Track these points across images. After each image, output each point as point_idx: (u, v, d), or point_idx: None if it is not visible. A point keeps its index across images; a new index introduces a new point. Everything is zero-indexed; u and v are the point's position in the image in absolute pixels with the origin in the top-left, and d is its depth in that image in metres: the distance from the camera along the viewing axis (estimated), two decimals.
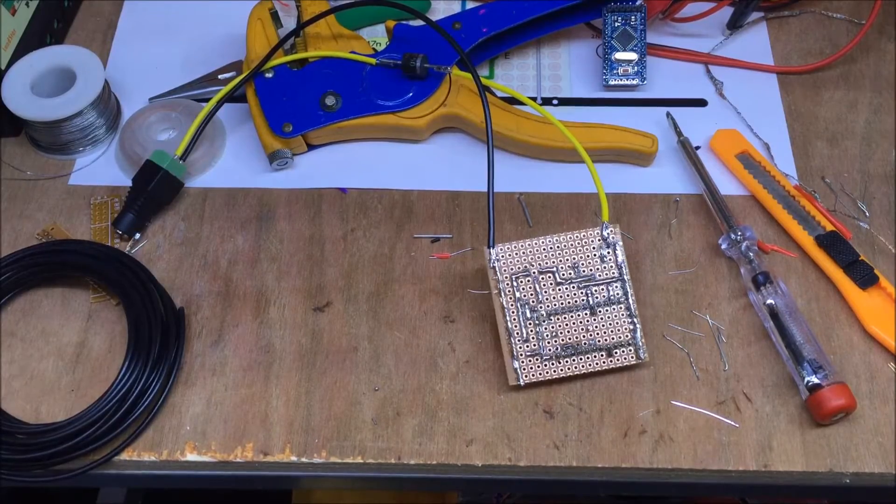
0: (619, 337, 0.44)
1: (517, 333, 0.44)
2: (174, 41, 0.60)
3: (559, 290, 0.45)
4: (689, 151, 0.52)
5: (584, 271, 0.45)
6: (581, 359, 0.44)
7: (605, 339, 0.44)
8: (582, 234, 0.45)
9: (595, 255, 0.45)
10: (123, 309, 0.47)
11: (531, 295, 0.44)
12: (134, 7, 0.62)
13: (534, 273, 0.45)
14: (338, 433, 0.44)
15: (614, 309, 0.45)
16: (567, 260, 0.45)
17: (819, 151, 0.54)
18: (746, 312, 0.47)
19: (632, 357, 0.44)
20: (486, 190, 0.45)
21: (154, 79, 0.57)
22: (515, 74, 0.58)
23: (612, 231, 0.45)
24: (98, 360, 0.46)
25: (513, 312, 0.44)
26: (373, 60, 0.53)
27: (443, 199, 0.52)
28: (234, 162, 0.54)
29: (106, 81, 0.54)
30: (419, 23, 0.53)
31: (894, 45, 0.59)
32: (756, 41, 0.59)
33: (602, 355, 0.44)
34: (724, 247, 0.48)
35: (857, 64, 0.58)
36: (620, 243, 0.45)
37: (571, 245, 0.45)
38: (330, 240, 0.50)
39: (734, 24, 0.59)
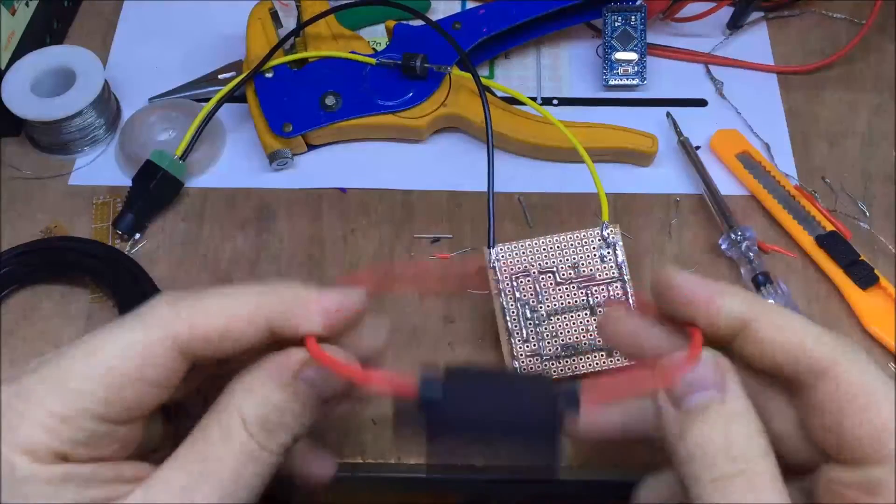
0: None
1: (517, 333, 0.44)
2: (174, 41, 0.60)
3: (559, 290, 0.45)
4: (689, 151, 0.52)
5: (584, 271, 0.45)
6: (581, 359, 0.44)
7: None
8: (582, 234, 0.45)
9: (595, 255, 0.45)
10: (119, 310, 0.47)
11: (531, 295, 0.44)
12: (134, 7, 0.62)
13: (534, 273, 0.45)
14: (338, 433, 0.44)
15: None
16: (567, 260, 0.45)
17: (819, 151, 0.54)
18: None
19: None
20: (486, 190, 0.46)
21: (154, 79, 0.57)
22: (515, 74, 0.58)
23: (612, 231, 0.45)
24: None
25: (513, 312, 0.44)
26: (373, 60, 0.53)
27: (443, 199, 0.52)
28: (234, 162, 0.54)
29: (106, 81, 0.54)
30: (419, 23, 0.53)
31: (894, 45, 0.59)
32: (756, 41, 0.59)
33: (602, 355, 0.44)
34: (724, 247, 0.48)
35: (857, 64, 0.58)
36: (620, 243, 0.45)
37: (571, 245, 0.45)
38: (330, 240, 0.50)
39: (734, 24, 0.59)
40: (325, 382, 0.27)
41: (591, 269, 0.45)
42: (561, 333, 0.44)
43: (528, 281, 0.45)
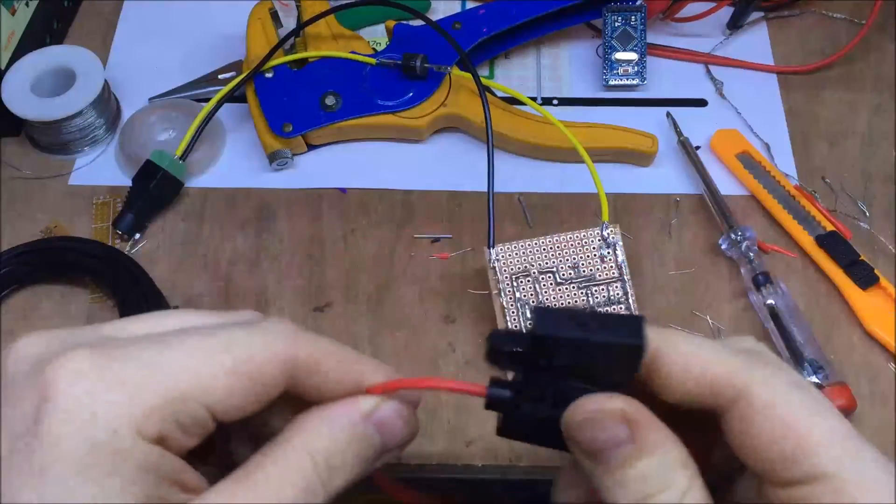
0: None
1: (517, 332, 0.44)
2: (174, 41, 0.60)
3: (559, 290, 0.45)
4: (689, 151, 0.52)
5: (584, 271, 0.45)
6: None
7: None
8: (582, 234, 0.45)
9: (595, 255, 0.45)
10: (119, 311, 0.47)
11: (531, 295, 0.44)
12: (134, 7, 0.62)
13: (534, 273, 0.45)
14: None
15: (614, 309, 0.44)
16: (567, 260, 0.45)
17: (819, 151, 0.54)
18: (747, 313, 0.47)
19: None
20: (486, 190, 0.46)
21: (154, 79, 0.57)
22: (515, 74, 0.58)
23: (612, 231, 0.45)
24: None
25: (513, 313, 0.44)
26: (373, 60, 0.53)
27: (443, 199, 0.52)
28: (234, 162, 0.54)
29: (106, 81, 0.54)
30: (419, 23, 0.53)
31: (894, 45, 0.59)
32: (756, 41, 0.59)
33: None
34: (724, 247, 0.48)
35: (857, 64, 0.58)
36: (620, 243, 0.45)
37: (571, 245, 0.45)
38: (330, 240, 0.50)
39: (734, 24, 0.59)
40: (394, 426, 0.27)
41: (591, 269, 0.45)
42: None
43: (528, 281, 0.45)
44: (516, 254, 0.45)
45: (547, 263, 0.45)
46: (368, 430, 0.27)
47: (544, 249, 0.45)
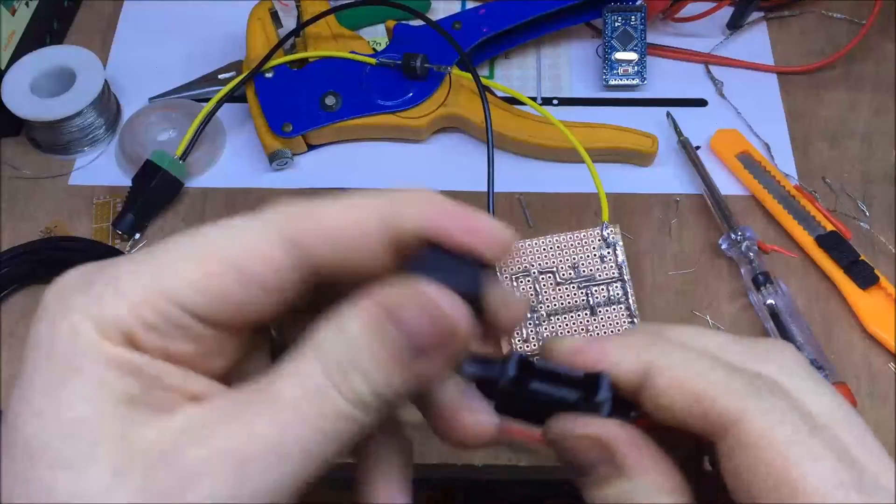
0: None
1: (517, 334, 0.44)
2: (174, 41, 0.60)
3: (559, 290, 0.45)
4: (689, 151, 0.52)
5: (584, 271, 0.45)
6: None
7: None
8: (582, 234, 0.45)
9: (595, 255, 0.45)
10: None
11: (531, 295, 0.44)
12: (134, 7, 0.62)
13: (534, 273, 0.45)
14: None
15: (614, 309, 0.45)
16: (567, 260, 0.45)
17: (819, 151, 0.54)
18: (746, 313, 0.47)
19: None
20: (486, 190, 0.45)
21: (154, 79, 0.57)
22: (515, 74, 0.58)
23: (612, 231, 0.45)
24: None
25: None
26: (373, 60, 0.53)
27: None
28: (234, 162, 0.54)
29: (106, 81, 0.54)
30: (419, 23, 0.53)
31: (894, 45, 0.59)
32: (756, 41, 0.59)
33: None
34: (724, 247, 0.48)
35: (857, 64, 0.58)
36: (620, 243, 0.45)
37: (571, 245, 0.45)
38: None
39: (734, 24, 0.59)
40: (421, 326, 0.22)
41: (591, 269, 0.45)
42: (561, 334, 0.44)
43: (528, 281, 0.45)
44: (516, 254, 0.45)
45: (547, 263, 0.45)
46: (388, 329, 0.22)
47: (544, 249, 0.45)
